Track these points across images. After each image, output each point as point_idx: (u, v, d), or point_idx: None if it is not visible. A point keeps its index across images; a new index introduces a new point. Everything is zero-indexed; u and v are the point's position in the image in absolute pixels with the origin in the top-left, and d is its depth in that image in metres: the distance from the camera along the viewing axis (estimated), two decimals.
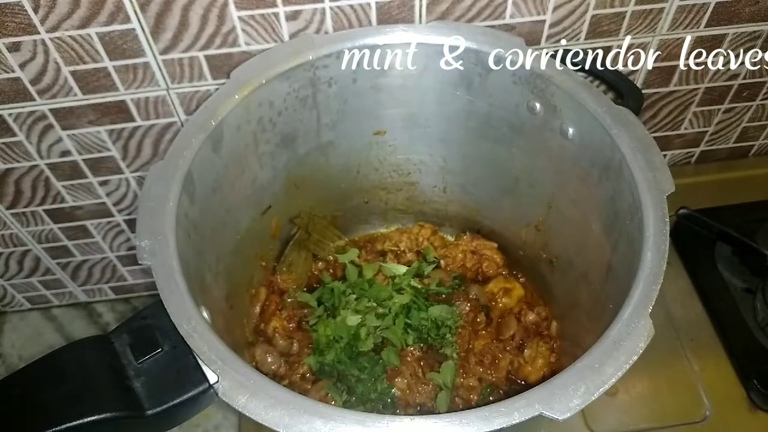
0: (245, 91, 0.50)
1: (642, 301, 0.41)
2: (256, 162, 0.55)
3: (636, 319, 0.40)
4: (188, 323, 0.39)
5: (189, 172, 0.46)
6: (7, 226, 0.69)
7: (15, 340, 0.82)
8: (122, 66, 0.54)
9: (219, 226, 0.53)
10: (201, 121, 0.48)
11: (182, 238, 0.44)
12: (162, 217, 0.44)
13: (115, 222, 0.71)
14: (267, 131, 0.54)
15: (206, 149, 0.48)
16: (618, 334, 0.39)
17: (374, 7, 0.53)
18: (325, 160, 0.61)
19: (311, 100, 0.55)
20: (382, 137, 0.61)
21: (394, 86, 0.56)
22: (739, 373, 0.65)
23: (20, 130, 0.58)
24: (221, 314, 0.52)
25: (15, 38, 0.50)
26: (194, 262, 0.46)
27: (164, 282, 0.41)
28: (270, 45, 0.55)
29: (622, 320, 0.40)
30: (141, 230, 0.43)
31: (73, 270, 0.78)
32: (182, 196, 0.45)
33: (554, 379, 0.37)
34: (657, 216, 0.44)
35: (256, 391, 0.36)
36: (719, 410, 0.63)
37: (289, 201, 0.62)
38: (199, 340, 0.39)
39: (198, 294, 0.44)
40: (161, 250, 0.42)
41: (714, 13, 0.59)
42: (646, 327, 0.39)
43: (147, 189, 0.45)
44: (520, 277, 0.67)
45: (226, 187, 0.52)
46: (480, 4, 0.55)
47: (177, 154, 0.47)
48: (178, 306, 0.40)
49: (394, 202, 0.69)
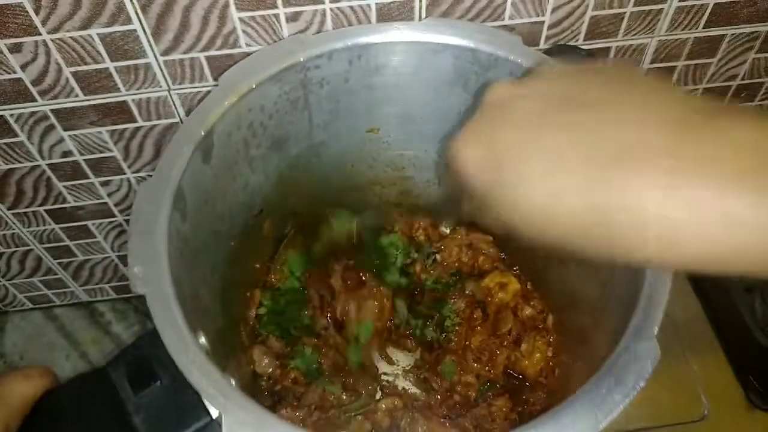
0: (235, 97, 0.49)
1: (646, 322, 0.39)
2: (247, 167, 0.55)
3: (642, 341, 0.39)
4: (186, 357, 0.38)
5: (179, 188, 0.45)
6: (8, 226, 0.70)
7: (16, 339, 0.83)
8: (123, 67, 0.54)
9: (211, 236, 0.52)
10: (189, 131, 0.47)
11: (175, 258, 0.43)
12: (154, 241, 0.42)
13: (116, 222, 0.71)
14: (258, 135, 0.54)
15: (196, 161, 0.47)
16: (623, 360, 0.38)
17: (374, 8, 0.54)
18: (318, 159, 0.61)
19: (303, 101, 0.54)
20: (375, 135, 0.61)
21: (389, 85, 0.56)
22: (737, 372, 0.66)
23: (22, 131, 0.59)
24: (217, 327, 0.51)
25: (16, 39, 0.51)
26: (188, 281, 0.45)
27: (160, 312, 0.39)
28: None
29: (627, 344, 0.39)
30: (133, 255, 0.41)
31: (74, 270, 0.78)
32: (173, 214, 0.44)
33: (561, 410, 0.36)
34: None
35: (259, 427, 0.36)
36: (718, 409, 0.63)
37: (281, 201, 0.61)
38: (198, 374, 0.37)
39: (194, 317, 0.42)
40: (155, 278, 0.41)
41: (712, 14, 0.60)
42: (653, 350, 0.38)
43: (137, 209, 0.43)
44: (515, 269, 0.67)
45: (218, 196, 0.51)
46: (479, 5, 0.55)
47: (166, 169, 0.45)
48: (175, 338, 0.38)
49: (388, 196, 0.69)
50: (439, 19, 0.55)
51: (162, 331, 0.39)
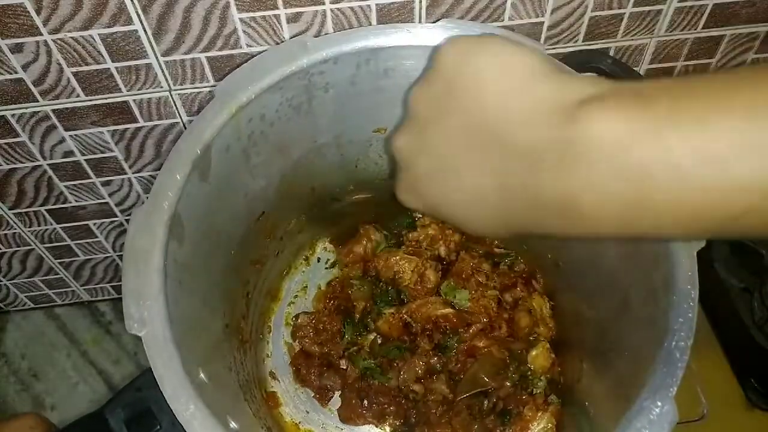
0: (233, 109, 0.46)
1: (665, 381, 0.37)
2: (248, 175, 0.53)
3: (659, 403, 0.36)
4: (187, 409, 0.37)
5: (175, 214, 0.43)
6: (10, 226, 0.70)
7: (18, 339, 0.83)
8: (125, 67, 0.55)
9: (211, 252, 0.50)
10: (185, 150, 0.44)
11: (172, 291, 0.41)
12: (149, 277, 0.40)
13: (117, 222, 0.72)
14: (258, 144, 0.52)
15: (193, 181, 0.45)
16: (638, 422, 0.36)
17: (374, 9, 0.54)
18: (322, 160, 0.60)
19: (306, 106, 0.53)
20: (382, 134, 0.60)
21: (398, 87, 0.54)
22: (736, 372, 0.66)
23: (23, 131, 0.59)
24: (219, 350, 0.49)
25: (18, 39, 0.51)
26: (187, 309, 0.43)
27: (157, 356, 0.38)
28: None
29: (643, 404, 0.37)
30: (128, 294, 0.40)
31: (75, 269, 0.78)
32: (170, 244, 0.42)
33: None
34: (684, 277, 0.40)
35: None
36: (717, 409, 0.63)
37: (283, 203, 0.61)
38: (200, 428, 0.36)
39: (194, 350, 0.41)
40: (151, 318, 0.39)
41: (711, 14, 0.60)
42: (670, 413, 0.36)
43: (131, 241, 0.41)
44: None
45: (217, 211, 0.50)
46: (479, 6, 0.55)
47: (161, 194, 0.43)
48: (175, 386, 0.37)
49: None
50: (453, 21, 0.53)
51: (160, 380, 0.37)
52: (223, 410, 0.39)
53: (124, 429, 0.39)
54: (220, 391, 0.43)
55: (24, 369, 0.81)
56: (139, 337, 0.39)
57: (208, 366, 0.43)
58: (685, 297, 0.39)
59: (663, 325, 0.39)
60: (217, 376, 0.44)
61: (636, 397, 0.37)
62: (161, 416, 0.38)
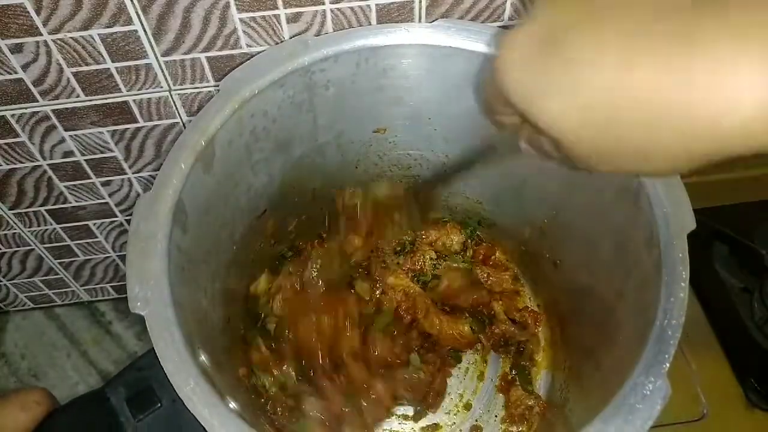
0: (236, 104, 0.48)
1: (657, 358, 0.38)
2: (250, 171, 0.54)
3: (652, 378, 0.37)
4: (187, 384, 0.37)
5: (179, 201, 0.43)
6: (9, 226, 0.70)
7: (18, 339, 0.83)
8: (124, 67, 0.55)
9: (213, 245, 0.51)
10: (190, 142, 0.45)
11: (175, 275, 0.42)
12: (153, 260, 0.41)
13: (117, 222, 0.72)
14: (261, 140, 0.53)
15: (197, 172, 0.46)
16: (632, 398, 0.37)
17: (374, 9, 0.54)
18: (323, 159, 0.61)
19: (307, 103, 0.54)
20: (382, 135, 0.61)
21: (396, 86, 0.55)
22: (736, 372, 0.66)
23: (23, 131, 0.59)
24: (217, 335, 0.50)
25: (17, 39, 0.51)
26: (189, 296, 0.44)
27: (159, 335, 0.39)
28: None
29: (636, 380, 0.37)
30: (131, 276, 0.40)
31: (75, 270, 0.78)
32: (174, 230, 0.42)
33: None
34: (675, 258, 0.41)
35: None
36: (716, 409, 0.64)
37: (285, 201, 0.61)
38: (200, 404, 0.36)
39: (195, 334, 0.41)
40: (154, 298, 0.39)
41: None
42: (663, 388, 0.37)
43: (135, 227, 0.42)
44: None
45: (220, 204, 0.50)
46: (479, 5, 0.55)
47: (166, 182, 0.44)
48: (176, 363, 0.38)
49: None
50: (451, 21, 0.53)
51: (162, 357, 0.38)
52: (223, 391, 0.40)
53: (125, 407, 0.39)
54: (220, 375, 0.43)
55: (24, 369, 0.81)
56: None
57: (209, 351, 0.43)
58: (677, 278, 0.40)
59: (655, 308, 0.40)
60: (218, 363, 0.44)
61: (630, 375, 0.38)
62: (162, 393, 0.39)
